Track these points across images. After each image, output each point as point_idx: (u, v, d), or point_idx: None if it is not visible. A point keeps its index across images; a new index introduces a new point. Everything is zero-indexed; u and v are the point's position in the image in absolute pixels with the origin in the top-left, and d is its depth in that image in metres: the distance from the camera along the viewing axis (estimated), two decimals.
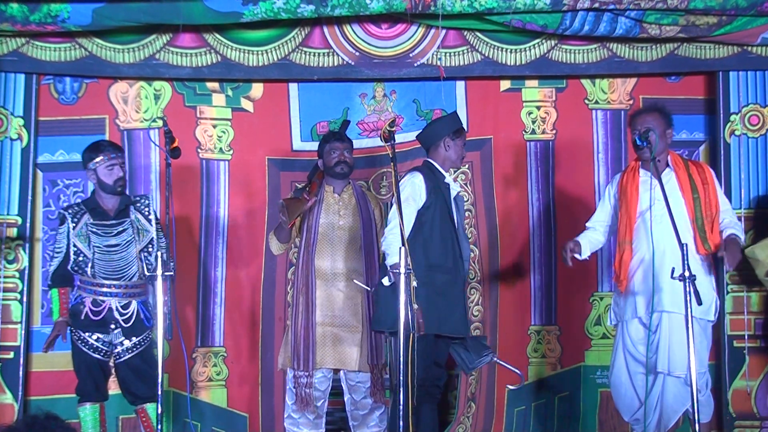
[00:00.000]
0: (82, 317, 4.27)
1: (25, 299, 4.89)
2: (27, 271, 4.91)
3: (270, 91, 5.17)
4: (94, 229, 4.30)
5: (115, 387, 4.47)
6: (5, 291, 4.87)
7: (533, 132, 5.22)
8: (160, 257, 3.69)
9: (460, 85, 5.18)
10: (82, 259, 4.28)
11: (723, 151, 5.05)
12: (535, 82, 5.22)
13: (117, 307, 4.29)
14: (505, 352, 4.91)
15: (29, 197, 4.93)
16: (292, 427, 4.51)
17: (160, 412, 3.67)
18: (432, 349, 4.14)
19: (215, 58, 4.93)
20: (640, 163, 4.23)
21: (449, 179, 4.33)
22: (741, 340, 4.96)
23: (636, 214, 4.18)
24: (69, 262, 4.30)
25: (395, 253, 3.86)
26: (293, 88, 5.17)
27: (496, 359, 4.38)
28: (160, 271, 3.64)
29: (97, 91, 5.07)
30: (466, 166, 5.10)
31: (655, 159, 4.07)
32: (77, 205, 4.39)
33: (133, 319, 4.31)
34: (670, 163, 4.21)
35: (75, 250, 4.29)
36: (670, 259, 3.94)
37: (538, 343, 5.15)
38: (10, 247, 4.89)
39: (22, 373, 4.84)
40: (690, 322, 3.62)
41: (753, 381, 4.96)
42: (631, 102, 5.21)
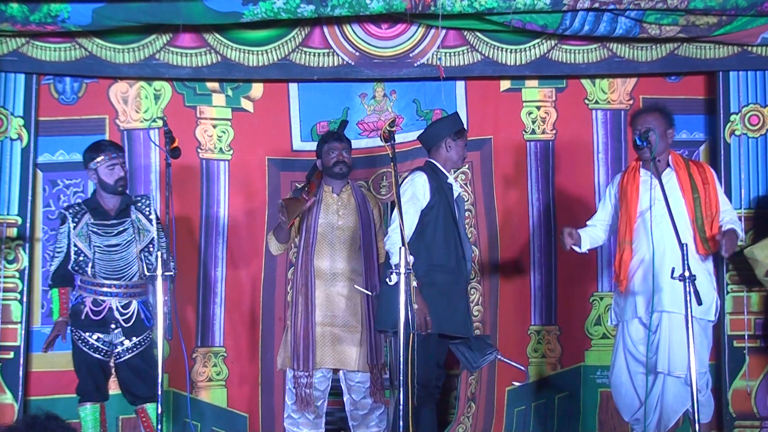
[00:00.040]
0: (83, 317, 4.27)
1: (25, 299, 4.89)
2: (27, 271, 4.91)
3: (270, 91, 5.17)
4: (95, 229, 4.30)
5: (115, 387, 4.47)
6: (5, 291, 4.87)
7: (533, 132, 5.21)
8: (160, 257, 3.69)
9: (460, 85, 5.17)
10: (82, 258, 4.28)
11: (723, 151, 5.05)
12: (535, 82, 5.22)
13: (117, 307, 4.29)
14: (505, 352, 4.86)
15: (29, 197, 4.93)
16: (292, 427, 4.51)
17: (160, 412, 3.67)
18: (436, 349, 4.14)
19: (215, 58, 4.93)
20: (641, 163, 4.23)
21: (451, 180, 4.33)
22: (741, 340, 4.96)
23: (636, 214, 4.18)
24: (69, 261, 4.30)
25: (398, 253, 3.87)
26: (293, 88, 5.16)
27: (500, 357, 4.38)
28: (160, 271, 3.65)
29: (97, 91, 5.07)
30: (466, 166, 5.10)
31: (655, 159, 4.07)
32: (78, 205, 4.39)
33: (134, 319, 4.31)
34: (670, 163, 4.21)
35: (75, 250, 4.29)
36: (670, 259, 3.94)
37: (538, 343, 5.15)
38: (10, 247, 4.89)
39: (22, 373, 4.83)
40: (690, 322, 3.62)
41: (753, 381, 4.96)
42: (631, 102, 5.21)
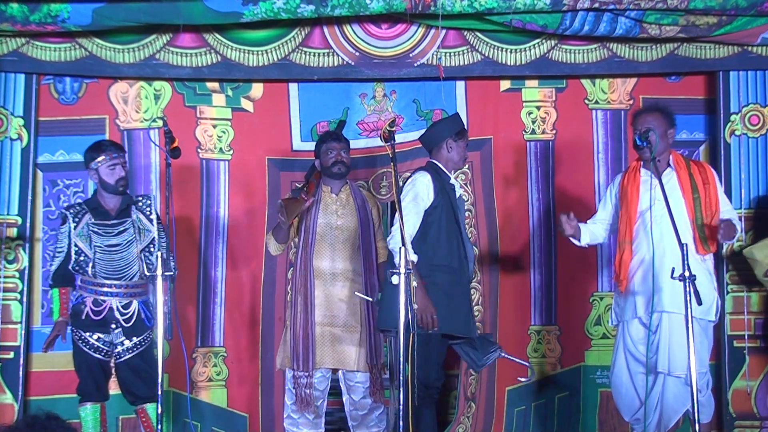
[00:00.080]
0: (83, 317, 4.27)
1: (25, 299, 4.89)
2: (27, 271, 4.91)
3: (270, 91, 5.17)
4: (96, 229, 4.30)
5: (115, 387, 4.46)
6: (5, 291, 4.87)
7: (533, 132, 5.21)
8: (160, 257, 3.69)
9: (460, 85, 5.17)
10: (83, 258, 4.28)
11: (723, 151, 5.05)
12: (535, 82, 5.22)
13: (118, 307, 4.29)
14: (507, 351, 4.90)
15: (29, 197, 4.93)
16: (292, 427, 4.51)
17: (160, 412, 3.67)
18: (438, 349, 4.14)
19: (215, 58, 4.93)
20: (642, 163, 4.22)
21: (454, 180, 4.33)
22: (741, 340, 4.96)
23: (636, 214, 4.17)
24: (70, 261, 4.30)
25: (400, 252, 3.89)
26: (293, 88, 5.16)
27: (503, 354, 4.38)
28: (160, 271, 3.65)
29: (97, 91, 5.07)
30: (466, 167, 5.10)
31: (655, 159, 4.07)
32: (79, 205, 4.39)
33: (134, 319, 4.31)
34: (671, 162, 4.20)
35: (76, 250, 4.29)
36: (670, 259, 3.94)
37: (538, 343, 5.15)
38: (10, 247, 4.89)
39: (22, 373, 4.83)
40: (690, 322, 3.62)
41: (753, 381, 4.96)
42: (631, 102, 5.21)
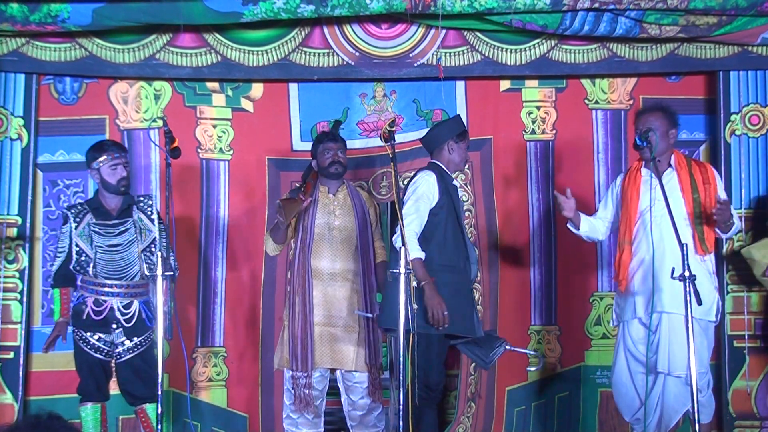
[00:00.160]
0: (84, 317, 4.28)
1: (25, 299, 4.89)
2: (27, 271, 4.91)
3: (270, 91, 5.17)
4: (97, 229, 4.30)
5: (115, 387, 4.46)
6: (5, 291, 4.87)
7: (533, 132, 5.21)
8: (160, 256, 3.69)
9: (460, 85, 5.17)
10: (84, 258, 4.28)
11: (723, 151, 5.05)
12: (535, 82, 5.21)
13: (119, 307, 4.29)
14: (506, 352, 4.91)
15: (29, 197, 4.93)
16: (291, 427, 4.50)
17: (160, 412, 3.67)
18: (440, 349, 4.14)
19: (215, 58, 4.93)
20: (643, 163, 4.22)
21: (456, 181, 4.33)
22: (741, 340, 4.96)
23: (636, 214, 4.17)
24: (71, 261, 4.30)
25: (412, 249, 3.91)
26: (293, 88, 5.16)
27: (509, 347, 4.38)
28: (160, 271, 3.65)
29: (97, 91, 5.07)
30: (467, 167, 5.10)
31: (655, 159, 4.07)
32: (80, 205, 4.40)
33: (135, 319, 4.32)
34: (672, 162, 4.20)
35: (77, 250, 4.29)
36: (670, 260, 3.94)
37: (538, 343, 5.14)
38: (10, 247, 4.89)
39: (22, 373, 4.83)
40: (690, 322, 3.62)
41: (753, 381, 4.96)
42: (631, 102, 5.21)
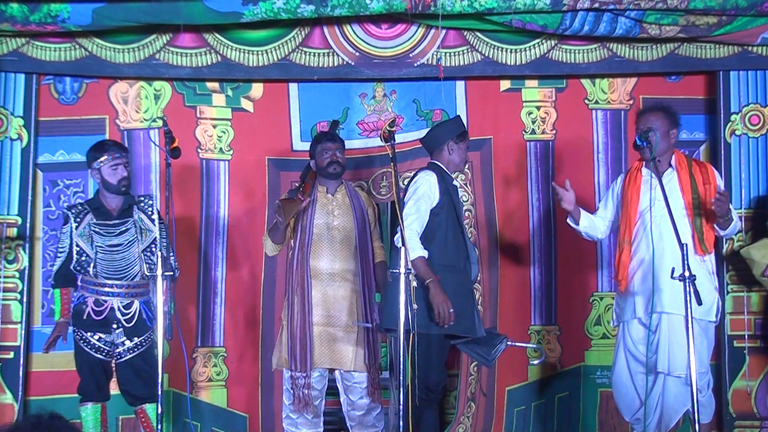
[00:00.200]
0: (85, 317, 4.27)
1: (25, 299, 4.89)
2: (27, 271, 4.90)
3: (270, 91, 5.17)
4: (97, 229, 4.30)
5: (115, 387, 4.46)
6: (5, 291, 4.87)
7: (533, 132, 5.21)
8: (160, 256, 3.69)
9: (460, 85, 5.17)
10: (84, 258, 4.28)
11: (723, 151, 5.04)
12: (535, 82, 5.21)
13: (119, 307, 4.29)
14: (506, 351, 4.89)
15: (29, 197, 4.92)
16: (291, 427, 4.50)
17: (160, 412, 3.67)
18: (440, 350, 4.14)
19: (215, 58, 4.93)
20: (644, 163, 4.22)
21: (456, 182, 4.33)
22: (741, 340, 4.96)
23: (636, 215, 4.17)
24: (72, 261, 4.30)
25: (414, 248, 3.91)
26: (293, 88, 5.16)
27: (510, 343, 4.37)
28: (160, 271, 3.65)
29: (97, 91, 5.07)
30: (467, 167, 5.09)
31: (655, 159, 4.06)
32: (81, 205, 4.39)
33: (135, 319, 4.31)
34: (673, 162, 4.19)
35: (78, 250, 4.29)
36: (670, 260, 3.93)
37: (538, 343, 5.14)
38: (10, 247, 4.89)
39: (22, 373, 4.83)
40: (690, 322, 3.62)
41: (753, 381, 4.96)
42: (631, 102, 5.21)
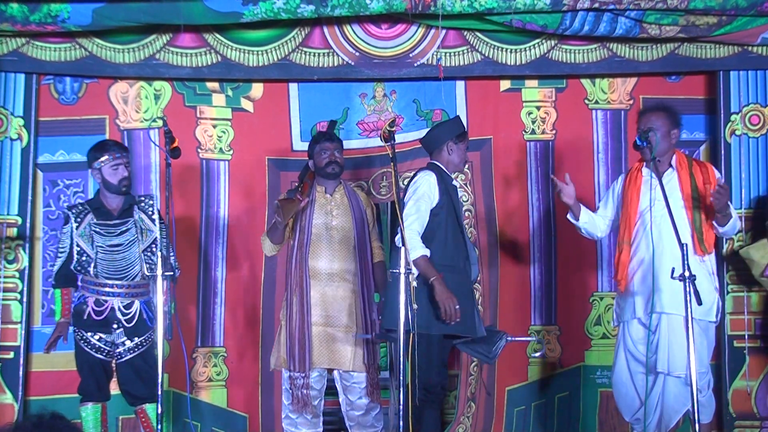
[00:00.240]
0: (85, 317, 4.27)
1: (25, 299, 4.89)
2: (27, 271, 4.91)
3: (270, 91, 5.17)
4: (98, 229, 4.30)
5: (115, 387, 4.46)
6: (5, 291, 4.87)
7: (533, 132, 5.21)
8: (161, 255, 3.69)
9: (460, 85, 5.17)
10: (85, 258, 4.28)
11: (723, 151, 5.04)
12: (535, 82, 5.21)
13: (119, 307, 4.29)
14: (506, 351, 4.89)
15: (29, 197, 4.93)
16: (291, 427, 4.51)
17: (160, 412, 3.67)
18: (440, 350, 4.14)
19: (215, 58, 4.93)
20: (644, 163, 4.22)
21: (456, 182, 4.33)
22: (741, 340, 4.96)
23: (636, 215, 4.17)
24: (72, 262, 4.30)
25: (416, 248, 3.91)
26: (293, 88, 5.16)
27: (510, 338, 4.37)
28: (160, 271, 3.65)
29: (97, 91, 5.07)
30: (466, 167, 5.09)
31: (655, 159, 4.06)
32: (81, 205, 4.39)
33: (136, 319, 4.31)
34: (673, 163, 4.19)
35: (78, 250, 4.29)
36: (669, 260, 3.93)
37: (538, 343, 5.14)
38: (10, 247, 4.89)
39: (22, 373, 4.84)
40: (690, 322, 3.62)
41: (753, 381, 4.96)
42: (631, 102, 5.20)
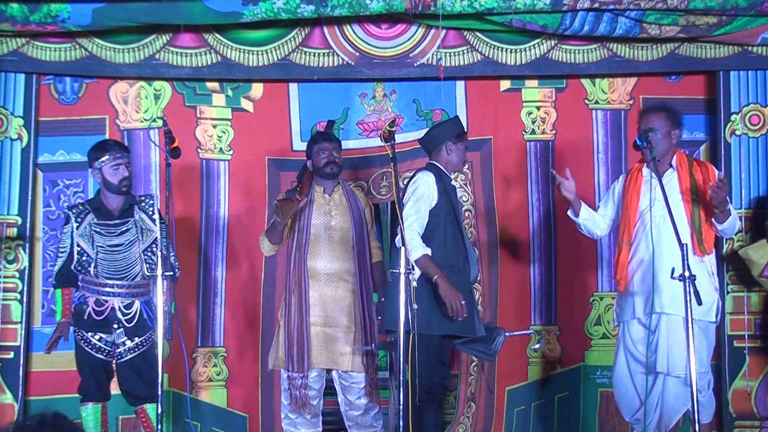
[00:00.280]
0: (85, 317, 4.27)
1: (25, 299, 4.89)
2: (27, 271, 4.91)
3: (270, 91, 5.17)
4: (98, 229, 4.30)
5: (115, 387, 4.45)
6: (5, 291, 4.87)
7: (533, 132, 5.21)
8: (160, 255, 3.69)
9: (460, 85, 5.17)
10: (85, 258, 4.28)
11: (723, 151, 5.04)
12: (535, 82, 5.21)
13: (120, 307, 4.29)
14: (506, 351, 4.90)
15: (29, 197, 4.93)
16: (290, 427, 4.50)
17: (160, 412, 3.67)
18: (439, 350, 4.14)
19: (215, 58, 4.93)
20: (645, 163, 4.21)
21: (455, 182, 4.33)
22: (741, 340, 4.96)
23: (636, 215, 4.17)
24: (73, 261, 4.30)
25: (417, 247, 3.92)
26: (293, 88, 5.16)
27: (508, 333, 4.37)
28: (160, 271, 3.65)
29: (97, 91, 5.07)
30: (466, 167, 5.09)
31: (655, 159, 4.06)
32: (81, 205, 4.39)
33: (136, 319, 4.31)
34: (673, 163, 4.18)
35: (78, 250, 4.29)
36: (668, 260, 3.92)
37: (538, 343, 5.14)
38: (10, 247, 4.89)
39: (22, 373, 4.84)
40: (690, 322, 3.62)
41: (753, 381, 4.96)
42: (631, 102, 5.20)
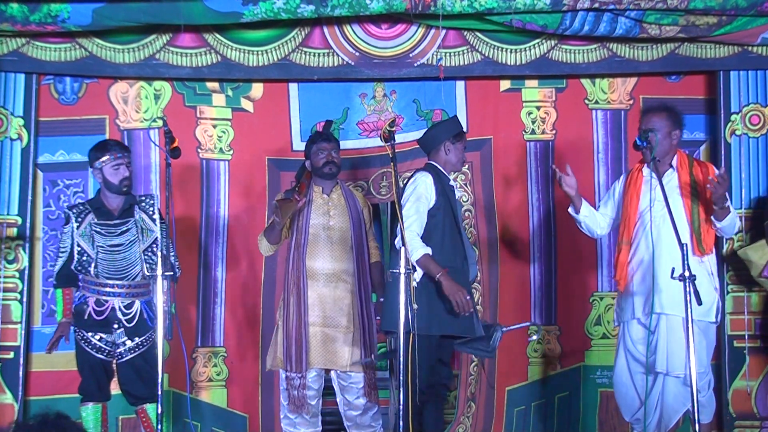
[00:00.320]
0: (86, 317, 4.27)
1: (25, 299, 4.89)
2: (27, 271, 4.91)
3: (270, 91, 5.17)
4: (98, 229, 4.30)
5: (116, 387, 4.46)
6: (5, 291, 4.87)
7: (533, 132, 5.21)
8: (160, 254, 3.69)
9: (460, 85, 5.17)
10: (85, 258, 4.28)
11: (724, 151, 5.04)
12: (535, 82, 5.21)
13: (120, 307, 4.29)
14: (506, 351, 4.92)
15: (29, 197, 4.93)
16: (289, 427, 4.50)
17: (160, 412, 3.67)
18: (438, 350, 4.14)
19: (215, 58, 4.93)
20: (645, 163, 4.21)
21: (453, 182, 4.33)
22: (741, 340, 4.96)
23: (636, 215, 4.17)
24: (73, 261, 4.30)
25: (417, 247, 3.92)
26: (293, 88, 5.16)
27: (506, 329, 4.37)
28: (160, 271, 3.65)
29: (97, 91, 5.07)
30: (466, 167, 5.10)
31: (655, 159, 4.06)
32: (82, 205, 4.39)
33: (137, 319, 4.31)
34: (674, 163, 4.18)
35: (79, 250, 4.28)
36: (668, 260, 3.92)
37: (538, 343, 5.14)
38: (10, 247, 4.89)
39: (22, 373, 4.84)
40: (690, 322, 3.62)
41: (753, 381, 4.96)
42: (631, 102, 5.20)
